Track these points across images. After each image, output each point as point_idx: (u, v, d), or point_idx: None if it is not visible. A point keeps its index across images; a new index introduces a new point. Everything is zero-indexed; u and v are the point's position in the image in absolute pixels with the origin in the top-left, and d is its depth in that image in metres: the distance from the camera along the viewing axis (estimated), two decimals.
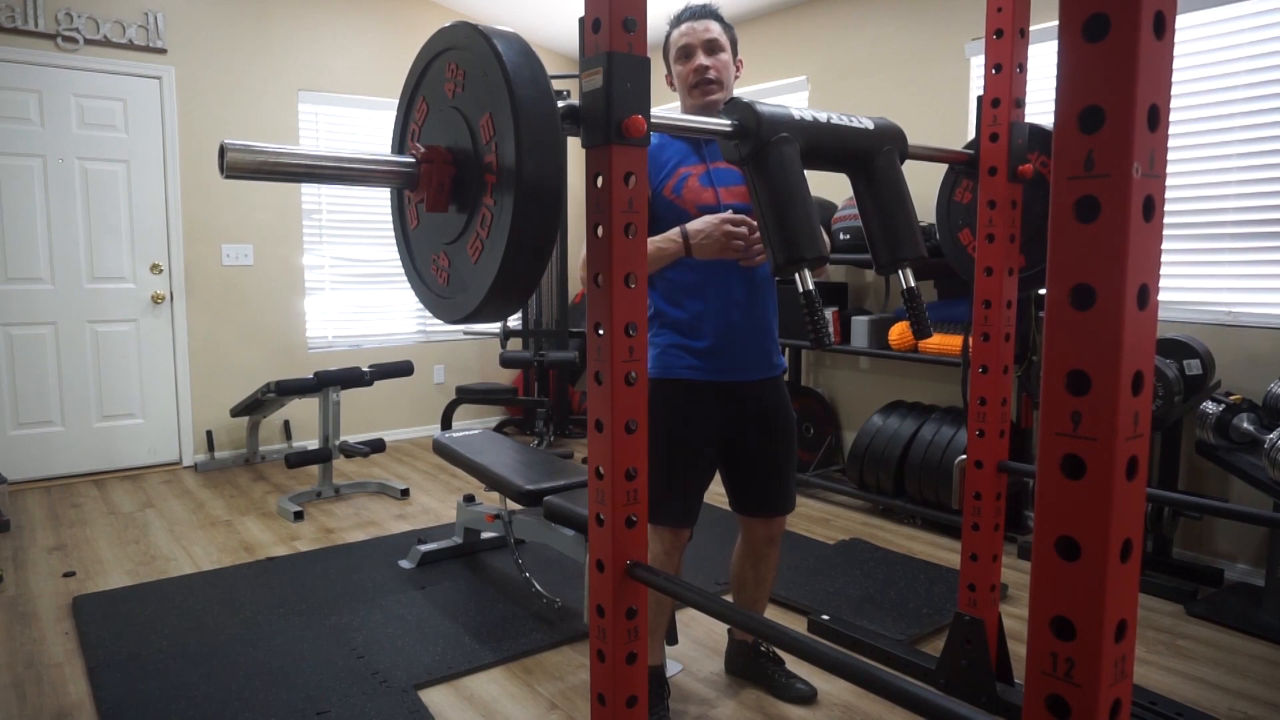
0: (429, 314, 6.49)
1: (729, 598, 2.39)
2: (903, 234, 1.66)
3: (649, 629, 2.13)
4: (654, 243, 1.82)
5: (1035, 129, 1.99)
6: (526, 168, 0.98)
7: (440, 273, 1.21)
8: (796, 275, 1.47)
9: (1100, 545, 0.64)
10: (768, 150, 1.51)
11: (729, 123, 1.50)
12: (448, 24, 1.13)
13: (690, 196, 1.95)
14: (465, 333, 5.75)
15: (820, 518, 3.92)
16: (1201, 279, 3.24)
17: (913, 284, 1.67)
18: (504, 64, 1.00)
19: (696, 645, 2.62)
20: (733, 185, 1.97)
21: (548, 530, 2.80)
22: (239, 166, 1.01)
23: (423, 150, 1.12)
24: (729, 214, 1.82)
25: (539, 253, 1.03)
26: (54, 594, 3.02)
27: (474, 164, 1.08)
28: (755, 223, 1.67)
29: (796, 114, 1.53)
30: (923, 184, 2.73)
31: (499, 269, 1.02)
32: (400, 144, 1.28)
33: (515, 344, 5.65)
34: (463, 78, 1.10)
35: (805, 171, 1.50)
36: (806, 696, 2.30)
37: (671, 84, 2.05)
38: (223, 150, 1.00)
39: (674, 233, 1.83)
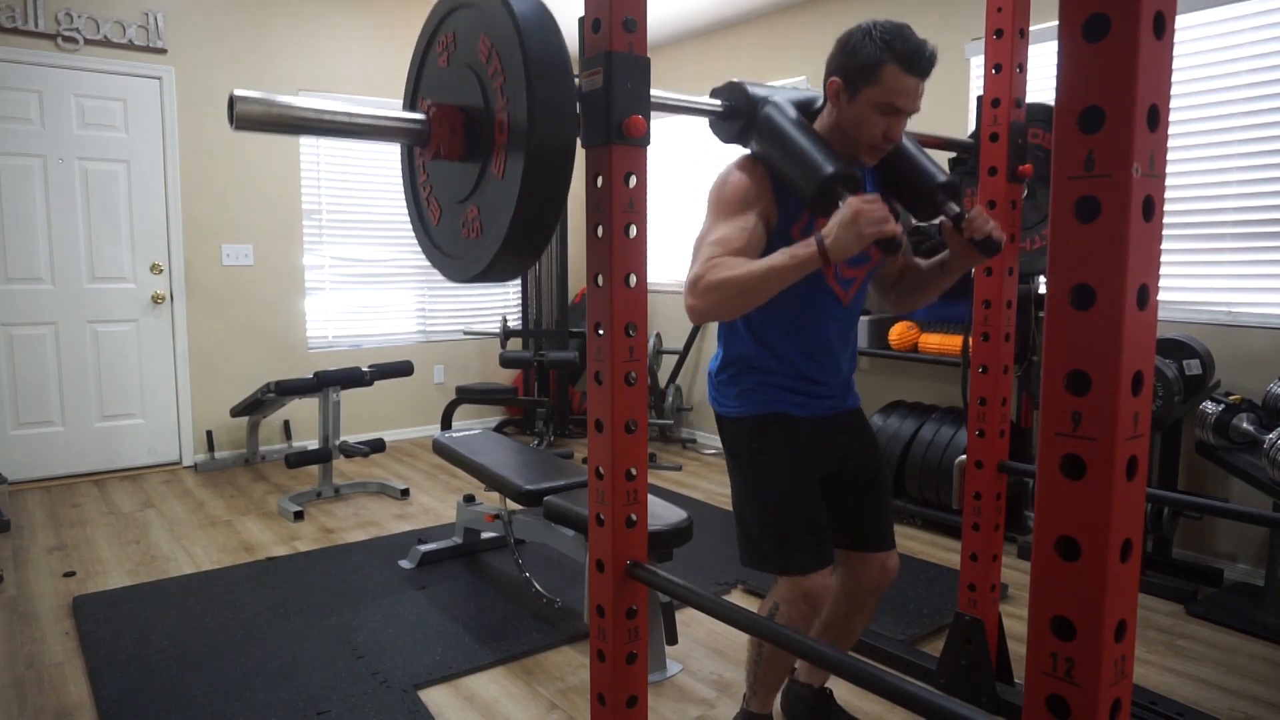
0: (429, 314, 6.41)
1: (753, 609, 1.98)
2: (926, 169, 1.73)
3: (767, 683, 1.92)
4: (784, 255, 1.50)
5: (1036, 106, 1.99)
6: (537, 129, 0.97)
7: (449, 232, 1.20)
8: (838, 197, 1.49)
9: (1100, 545, 0.64)
10: (757, 118, 1.58)
11: (720, 103, 1.56)
12: None
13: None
14: (465, 333, 5.75)
15: None
16: (1201, 279, 3.24)
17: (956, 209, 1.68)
18: (518, 22, 0.99)
19: (696, 645, 2.62)
20: None
21: (548, 530, 2.80)
22: (248, 118, 0.99)
23: (434, 108, 1.11)
24: (860, 198, 1.48)
25: (548, 213, 1.02)
26: (54, 594, 3.02)
27: (485, 123, 1.07)
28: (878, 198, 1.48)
29: (782, 92, 1.64)
30: None
31: (509, 228, 1.01)
32: (411, 101, 1.26)
33: (515, 344, 5.65)
34: (475, 37, 1.09)
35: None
36: None
37: (838, 96, 1.65)
38: (232, 101, 0.97)
39: (808, 241, 1.50)
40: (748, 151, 1.69)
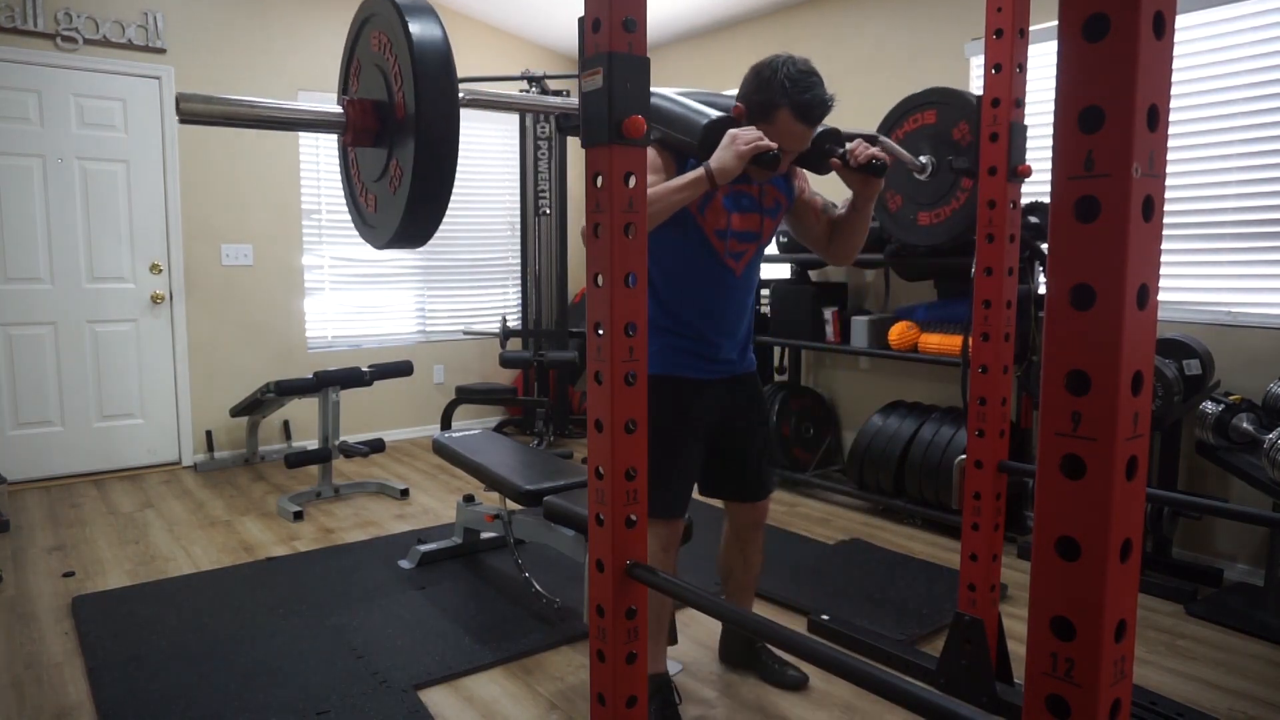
0: (429, 314, 6.43)
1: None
2: None
3: (649, 633, 2.13)
4: (676, 180, 1.79)
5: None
6: (424, 113, 1.17)
7: (371, 206, 1.44)
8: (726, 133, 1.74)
9: (1100, 545, 0.64)
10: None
11: None
12: None
13: (711, 218, 1.97)
14: (465, 333, 5.75)
15: (820, 518, 3.92)
16: (1201, 279, 3.24)
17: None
18: (404, 21, 1.18)
19: (696, 645, 2.62)
20: (748, 212, 2.02)
21: (548, 530, 2.80)
22: (193, 114, 1.17)
23: (348, 101, 1.32)
24: (736, 132, 1.76)
25: (440, 178, 1.22)
26: (54, 594, 3.02)
27: (389, 111, 1.28)
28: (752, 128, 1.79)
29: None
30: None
31: (407, 201, 1.23)
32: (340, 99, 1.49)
33: (515, 344, 5.65)
34: (380, 39, 1.29)
35: None
36: (798, 683, 2.36)
37: (743, 114, 1.88)
38: (178, 100, 1.15)
39: (698, 170, 1.78)
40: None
